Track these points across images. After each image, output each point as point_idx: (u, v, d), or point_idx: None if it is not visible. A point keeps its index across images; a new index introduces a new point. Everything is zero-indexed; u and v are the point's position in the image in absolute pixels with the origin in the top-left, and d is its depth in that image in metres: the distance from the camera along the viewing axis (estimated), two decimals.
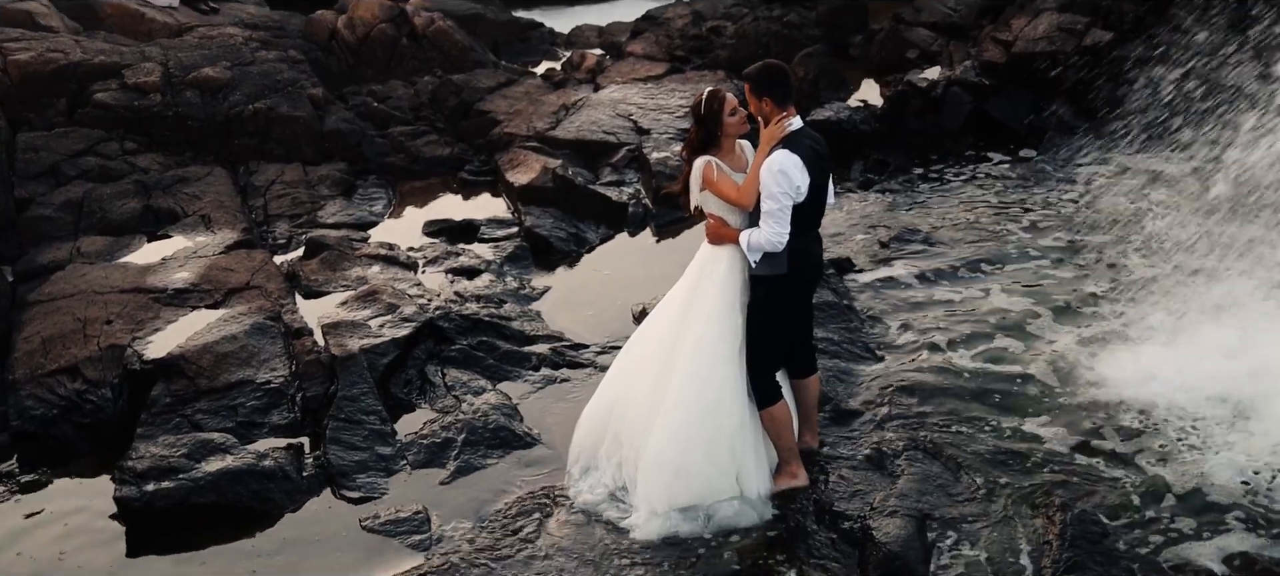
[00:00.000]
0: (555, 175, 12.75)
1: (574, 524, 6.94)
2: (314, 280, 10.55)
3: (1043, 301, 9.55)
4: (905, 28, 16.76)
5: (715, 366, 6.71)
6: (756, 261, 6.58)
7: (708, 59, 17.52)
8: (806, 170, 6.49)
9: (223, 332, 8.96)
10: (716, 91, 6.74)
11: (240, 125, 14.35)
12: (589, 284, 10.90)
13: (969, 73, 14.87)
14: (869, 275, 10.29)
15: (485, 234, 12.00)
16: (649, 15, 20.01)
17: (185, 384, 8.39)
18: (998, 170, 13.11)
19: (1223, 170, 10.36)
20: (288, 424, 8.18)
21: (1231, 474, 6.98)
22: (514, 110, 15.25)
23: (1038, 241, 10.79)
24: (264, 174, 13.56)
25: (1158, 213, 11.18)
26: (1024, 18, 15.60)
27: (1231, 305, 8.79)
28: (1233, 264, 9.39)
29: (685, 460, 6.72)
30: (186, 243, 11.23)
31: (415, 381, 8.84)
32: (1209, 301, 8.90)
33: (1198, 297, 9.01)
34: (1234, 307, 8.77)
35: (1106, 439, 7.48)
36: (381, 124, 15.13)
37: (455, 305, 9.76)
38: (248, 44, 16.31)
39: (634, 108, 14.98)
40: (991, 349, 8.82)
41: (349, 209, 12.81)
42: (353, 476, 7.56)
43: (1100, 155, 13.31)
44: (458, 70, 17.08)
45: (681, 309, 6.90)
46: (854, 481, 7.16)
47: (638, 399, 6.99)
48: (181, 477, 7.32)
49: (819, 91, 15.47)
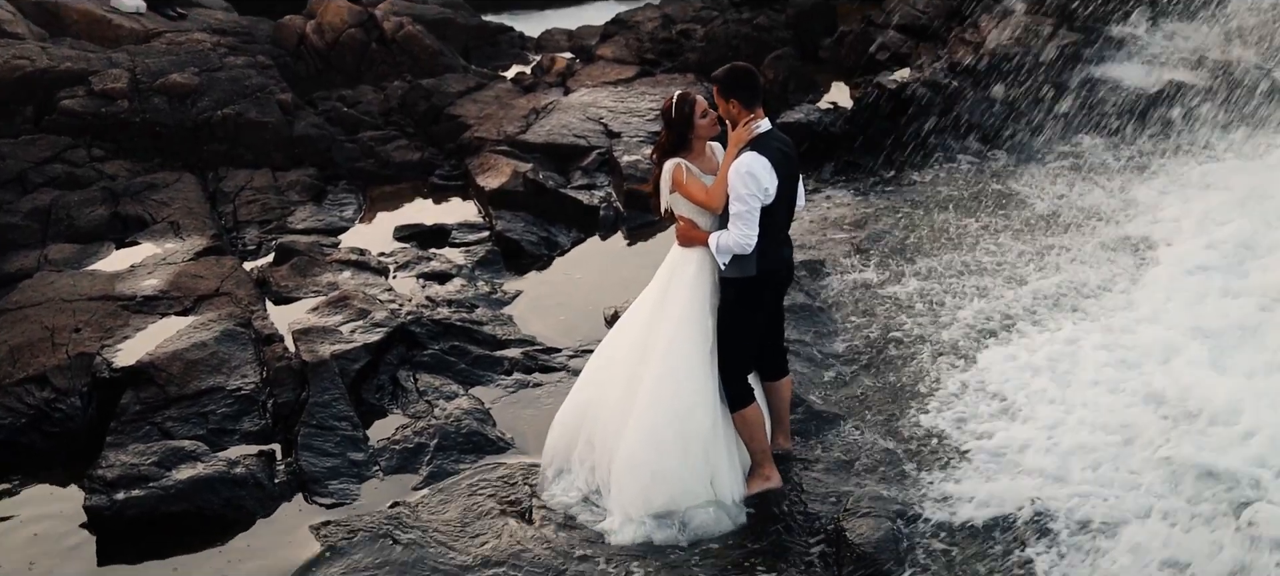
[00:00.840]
0: (526, 179, 12.74)
1: (548, 527, 6.94)
2: (284, 286, 10.51)
3: (1015, 302, 9.60)
4: (875, 30, 16.81)
5: (687, 369, 6.72)
6: (725, 264, 6.60)
7: (678, 62, 17.53)
8: (775, 172, 6.51)
9: (193, 340, 8.91)
10: (686, 94, 6.75)
11: (209, 131, 14.27)
12: (560, 287, 10.90)
13: (938, 74, 14.94)
14: (840, 276, 10.32)
15: (456, 238, 11.98)
16: (619, 18, 19.99)
17: (155, 391, 8.35)
18: (967, 170, 13.16)
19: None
20: (259, 431, 8.15)
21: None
22: (484, 114, 15.22)
23: (1009, 241, 10.83)
24: (233, 180, 13.50)
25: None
26: (992, 19, 15.68)
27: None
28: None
29: (659, 464, 6.72)
30: (155, 249, 11.17)
31: (387, 387, 8.82)
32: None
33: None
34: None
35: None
36: (351, 129, 15.08)
37: (427, 310, 9.74)
38: (216, 49, 16.21)
39: (604, 111, 14.98)
40: (965, 349, 8.86)
41: (319, 214, 12.76)
42: (325, 483, 7.54)
43: (1070, 152, 13.40)
44: (427, 74, 17.02)
45: (652, 311, 6.91)
46: (827, 483, 7.19)
47: (610, 402, 7.00)
48: (152, 486, 7.29)
49: (789, 94, 15.50)
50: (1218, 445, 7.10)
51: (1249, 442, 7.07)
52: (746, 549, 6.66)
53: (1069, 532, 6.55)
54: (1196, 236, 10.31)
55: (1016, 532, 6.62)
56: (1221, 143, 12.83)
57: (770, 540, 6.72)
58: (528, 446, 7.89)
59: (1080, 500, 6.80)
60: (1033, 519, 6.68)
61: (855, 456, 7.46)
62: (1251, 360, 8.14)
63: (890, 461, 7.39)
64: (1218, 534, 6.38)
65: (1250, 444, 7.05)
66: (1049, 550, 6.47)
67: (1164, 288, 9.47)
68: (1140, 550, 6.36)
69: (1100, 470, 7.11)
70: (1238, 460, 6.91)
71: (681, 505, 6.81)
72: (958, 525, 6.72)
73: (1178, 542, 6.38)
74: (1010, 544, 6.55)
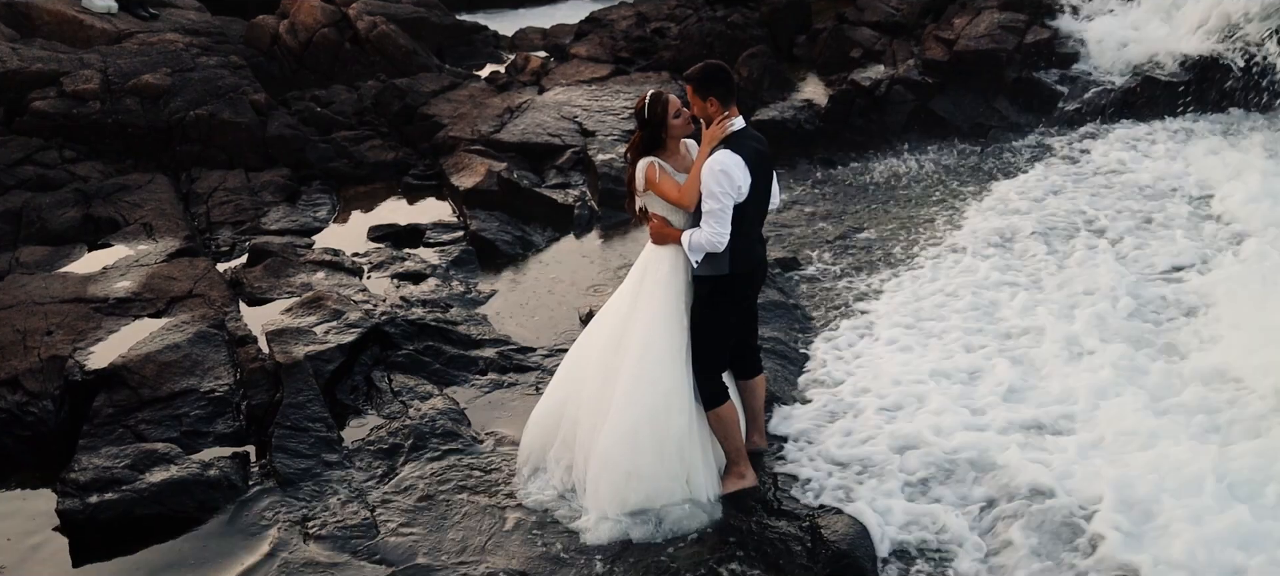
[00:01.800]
0: (500, 178, 12.72)
1: (524, 526, 6.94)
2: (258, 287, 10.47)
3: (986, 300, 9.64)
4: (848, 27, 16.83)
5: (662, 368, 6.73)
6: (698, 262, 6.61)
7: (652, 60, 17.53)
8: (748, 170, 6.53)
9: (165, 342, 8.87)
10: (659, 94, 6.76)
11: (181, 132, 14.21)
12: (535, 287, 10.89)
13: (912, 71, 14.99)
14: (814, 274, 10.35)
15: (430, 238, 11.95)
16: (593, 17, 20.00)
17: (128, 394, 8.31)
18: (942, 167, 13.21)
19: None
20: (233, 433, 8.12)
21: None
22: (458, 113, 15.19)
23: (981, 238, 10.87)
24: (206, 181, 13.44)
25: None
26: (965, 17, 15.74)
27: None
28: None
29: (635, 462, 6.73)
30: (128, 251, 11.11)
31: (361, 387, 8.80)
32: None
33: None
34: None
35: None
36: (325, 129, 15.03)
37: (401, 310, 9.72)
38: (188, 50, 16.14)
39: (579, 110, 14.98)
40: (938, 346, 8.89)
41: (293, 215, 12.71)
42: (299, 484, 7.51)
43: (1043, 149, 13.47)
44: (401, 74, 17.00)
45: (627, 310, 6.92)
46: (802, 481, 7.21)
47: (586, 401, 7.00)
48: (125, 489, 7.26)
49: (763, 91, 15.51)
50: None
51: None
52: (723, 546, 6.67)
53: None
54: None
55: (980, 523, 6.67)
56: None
57: (746, 537, 6.74)
58: (503, 446, 7.88)
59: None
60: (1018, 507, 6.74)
61: (831, 454, 7.48)
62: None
63: (865, 458, 7.42)
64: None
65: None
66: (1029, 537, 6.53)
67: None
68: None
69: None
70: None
71: (657, 503, 6.82)
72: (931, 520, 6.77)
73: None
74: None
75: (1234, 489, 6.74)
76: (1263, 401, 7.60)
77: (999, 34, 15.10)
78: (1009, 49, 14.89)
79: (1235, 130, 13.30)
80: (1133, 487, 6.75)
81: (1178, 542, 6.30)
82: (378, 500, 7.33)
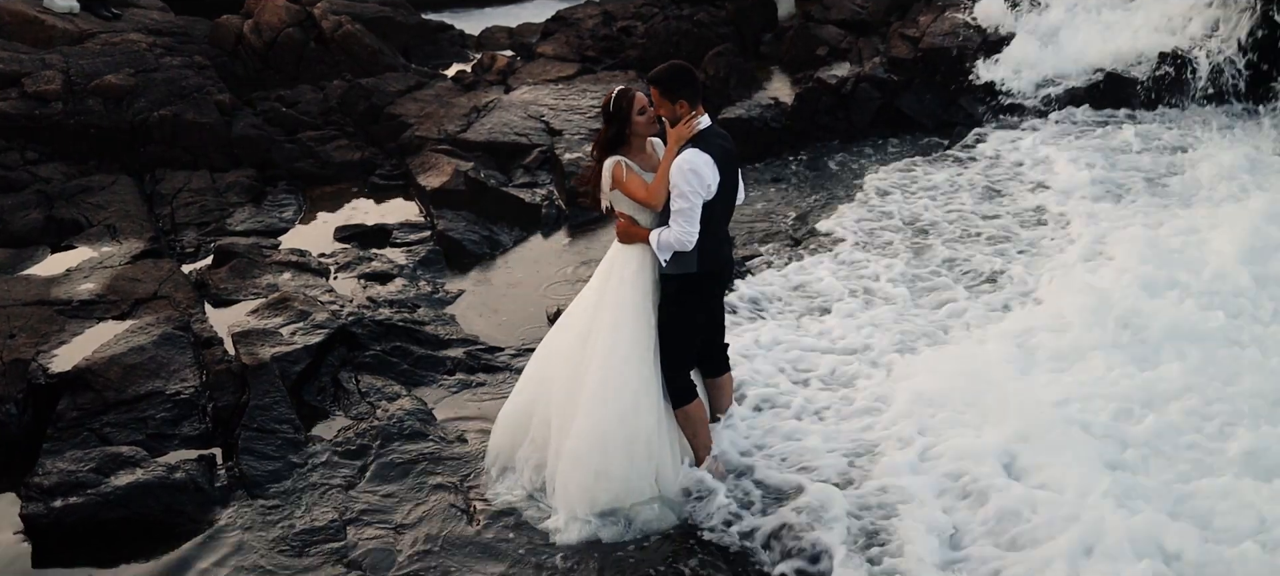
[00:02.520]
0: (467, 178, 12.70)
1: (493, 526, 6.94)
2: (223, 288, 10.41)
3: (953, 299, 9.69)
4: (814, 25, 16.88)
5: (629, 367, 6.73)
6: (666, 260, 6.62)
7: (619, 59, 17.53)
8: (717, 168, 6.54)
9: (130, 344, 8.81)
10: (626, 90, 6.77)
11: (145, 132, 14.11)
12: (503, 286, 10.88)
13: (878, 69, 15.04)
14: (780, 273, 10.37)
15: (397, 238, 11.91)
16: (559, 16, 19.98)
17: (92, 397, 8.25)
18: (908, 165, 13.26)
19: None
20: (199, 435, 8.07)
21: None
22: (425, 113, 15.15)
23: (945, 236, 10.92)
24: (170, 182, 13.35)
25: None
26: (930, 15, 15.81)
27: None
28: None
29: (603, 462, 6.74)
30: (92, 253, 11.03)
31: (329, 388, 8.76)
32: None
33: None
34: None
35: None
36: (290, 129, 14.96)
37: (368, 311, 9.69)
38: (152, 50, 16.02)
39: (546, 109, 14.96)
40: (905, 344, 8.92)
41: (258, 215, 12.65)
42: (266, 486, 7.48)
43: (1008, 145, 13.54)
44: (367, 74, 16.92)
45: (593, 309, 6.92)
46: (770, 478, 7.23)
47: (554, 400, 7.00)
48: (90, 493, 7.21)
49: (729, 90, 15.53)
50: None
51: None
52: (689, 543, 6.69)
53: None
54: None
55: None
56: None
57: (713, 535, 6.76)
58: (471, 446, 7.87)
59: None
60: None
61: (799, 453, 7.50)
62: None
63: (831, 455, 7.45)
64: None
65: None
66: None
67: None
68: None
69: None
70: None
71: (626, 503, 6.84)
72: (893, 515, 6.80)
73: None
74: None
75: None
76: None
77: (963, 31, 15.18)
78: (974, 46, 14.97)
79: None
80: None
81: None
82: (345, 502, 7.30)
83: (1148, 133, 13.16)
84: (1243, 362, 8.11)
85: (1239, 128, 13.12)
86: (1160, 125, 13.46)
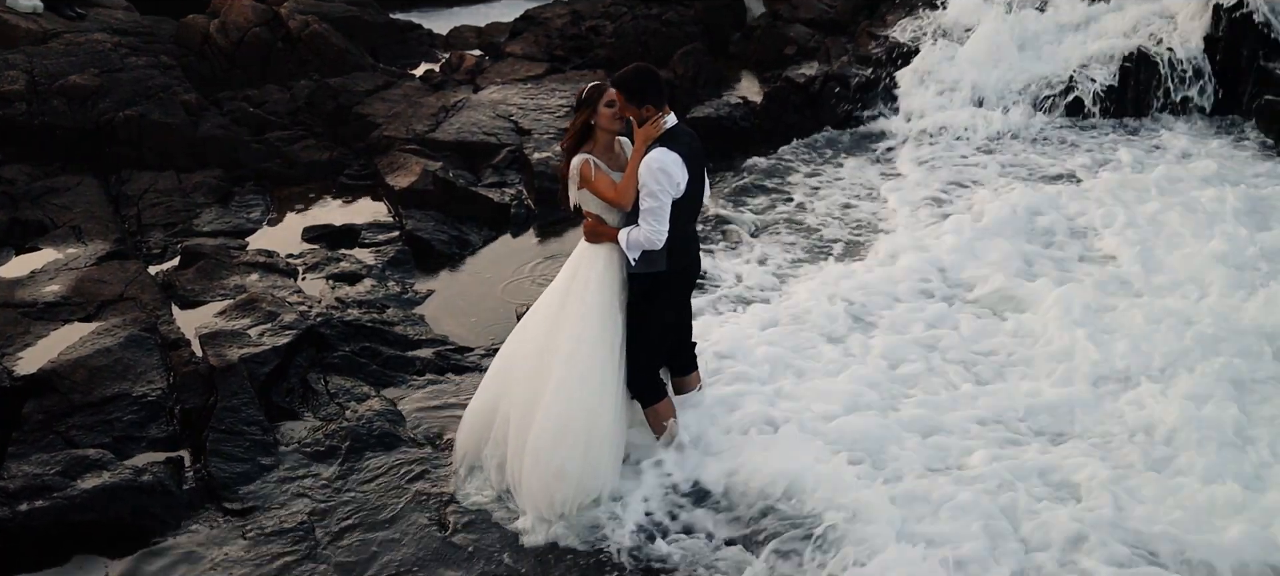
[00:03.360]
0: (436, 177, 12.67)
1: (463, 527, 6.93)
2: (190, 290, 10.35)
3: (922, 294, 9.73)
4: (783, 24, 16.93)
5: (593, 365, 6.74)
6: (636, 259, 6.62)
7: (587, 58, 17.54)
8: (686, 167, 6.56)
9: (97, 346, 8.75)
10: (599, 84, 6.81)
11: (111, 133, 14.02)
12: (472, 286, 10.86)
13: (847, 68, 15.09)
14: (749, 270, 10.38)
15: (366, 238, 11.87)
16: (527, 15, 19.96)
17: (58, 399, 8.19)
18: (876, 162, 13.31)
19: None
20: (167, 437, 8.03)
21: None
22: (393, 113, 15.11)
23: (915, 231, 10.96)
24: (136, 182, 13.27)
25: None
26: (899, 12, 15.88)
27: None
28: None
29: (564, 459, 6.73)
30: (57, 255, 10.95)
31: (297, 390, 8.73)
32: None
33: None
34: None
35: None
36: (257, 129, 14.89)
37: (337, 311, 9.65)
38: (117, 50, 15.90)
39: (514, 108, 14.95)
40: (875, 341, 8.95)
41: (225, 216, 12.58)
42: (235, 488, 7.45)
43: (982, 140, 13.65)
44: (335, 73, 16.85)
45: (558, 307, 6.93)
46: (743, 475, 7.24)
47: (517, 398, 7.00)
48: (57, 496, 7.16)
49: (698, 89, 15.56)
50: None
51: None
52: (656, 542, 6.69)
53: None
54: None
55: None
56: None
57: (681, 535, 6.77)
58: (441, 446, 7.86)
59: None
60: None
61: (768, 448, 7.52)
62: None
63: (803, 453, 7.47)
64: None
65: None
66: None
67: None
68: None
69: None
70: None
71: (587, 500, 6.84)
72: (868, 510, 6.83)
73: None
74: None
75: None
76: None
77: (930, 30, 15.25)
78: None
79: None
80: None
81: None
82: (315, 503, 7.28)
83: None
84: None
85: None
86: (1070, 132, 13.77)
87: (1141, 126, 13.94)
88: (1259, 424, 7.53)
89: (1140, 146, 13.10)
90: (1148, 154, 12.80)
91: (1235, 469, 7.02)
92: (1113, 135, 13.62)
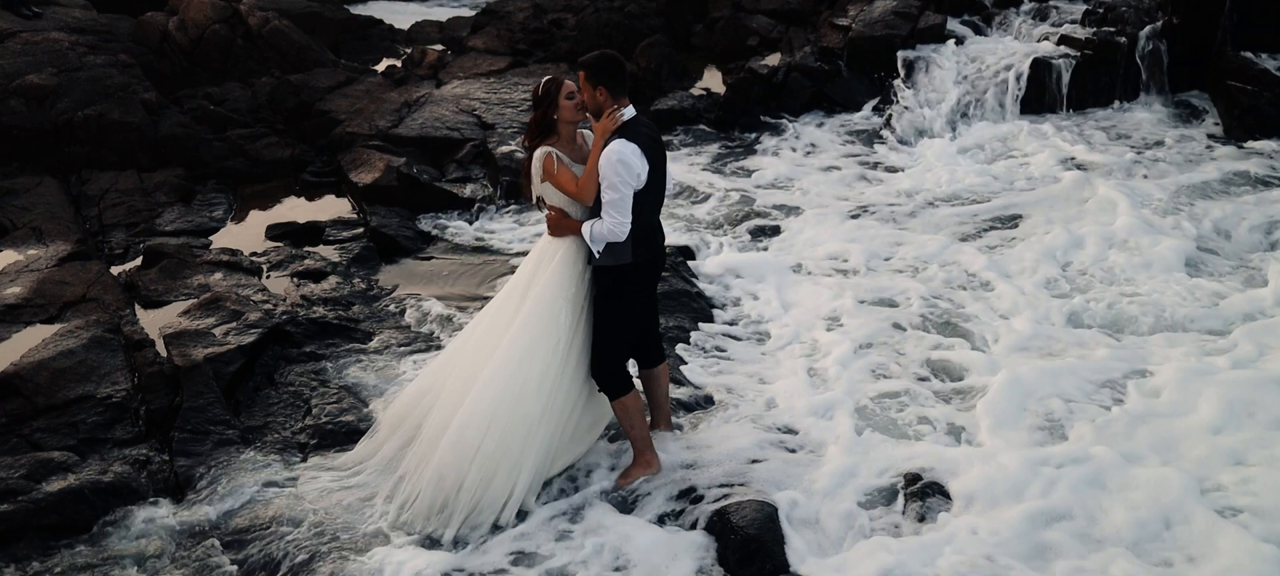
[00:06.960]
0: (400, 173, 12.64)
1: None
2: (154, 290, 10.29)
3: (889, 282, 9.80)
4: (745, 16, 16.98)
5: (531, 357, 6.73)
6: (600, 252, 6.63)
7: (550, 51, 17.54)
8: (646, 158, 6.58)
9: (59, 348, 8.70)
10: (555, 77, 6.84)
11: (70, 133, 13.91)
12: (437, 282, 10.82)
13: (809, 58, 15.15)
14: (714, 261, 10.42)
15: (330, 235, 11.84)
16: (489, 9, 19.95)
17: (21, 402, 8.13)
18: (840, 154, 13.37)
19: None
20: (132, 438, 7.98)
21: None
22: (355, 109, 15.06)
23: (881, 222, 11.04)
24: (97, 182, 13.18)
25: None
26: (860, 3, 15.94)
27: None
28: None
29: (485, 443, 6.70)
30: (17, 256, 10.86)
31: (263, 388, 8.69)
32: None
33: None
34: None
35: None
36: (219, 127, 14.80)
37: (302, 309, 9.63)
38: (74, 49, 15.77)
39: (477, 102, 14.92)
40: (847, 333, 9.01)
41: (188, 215, 12.51)
42: (202, 488, 7.41)
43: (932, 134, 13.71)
44: (296, 70, 16.78)
45: (515, 301, 6.92)
46: (709, 468, 7.27)
47: (447, 390, 7.03)
48: (21, 499, 7.11)
49: (662, 81, 15.58)
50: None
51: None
52: (626, 532, 6.71)
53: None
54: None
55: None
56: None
57: (654, 526, 6.79)
58: None
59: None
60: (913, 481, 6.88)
61: (737, 441, 7.55)
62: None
63: (772, 446, 7.50)
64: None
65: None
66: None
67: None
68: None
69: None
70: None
71: (511, 494, 6.80)
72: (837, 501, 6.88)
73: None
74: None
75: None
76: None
77: (892, 20, 15.32)
78: (903, 34, 15.11)
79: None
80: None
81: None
82: (283, 501, 7.25)
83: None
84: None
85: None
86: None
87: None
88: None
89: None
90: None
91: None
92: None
